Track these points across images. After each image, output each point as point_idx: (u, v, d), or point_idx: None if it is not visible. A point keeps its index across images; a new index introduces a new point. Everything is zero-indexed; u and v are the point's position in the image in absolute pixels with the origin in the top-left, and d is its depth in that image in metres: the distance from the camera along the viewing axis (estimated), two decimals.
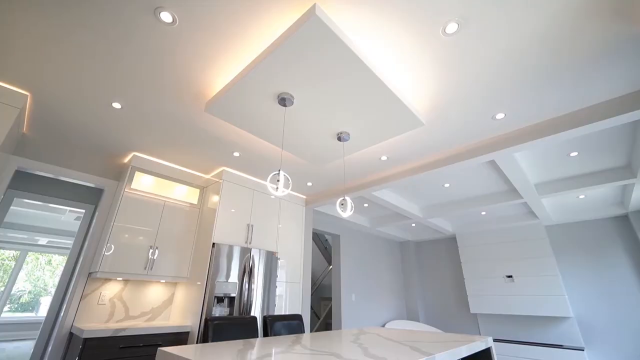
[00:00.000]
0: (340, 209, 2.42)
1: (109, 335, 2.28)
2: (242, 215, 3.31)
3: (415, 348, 1.51)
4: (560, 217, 4.92)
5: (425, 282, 6.61)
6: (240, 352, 1.31)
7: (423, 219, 4.94)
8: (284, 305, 3.45)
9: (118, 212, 2.80)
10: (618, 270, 4.46)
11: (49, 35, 1.68)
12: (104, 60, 1.85)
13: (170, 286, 3.20)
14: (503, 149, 2.57)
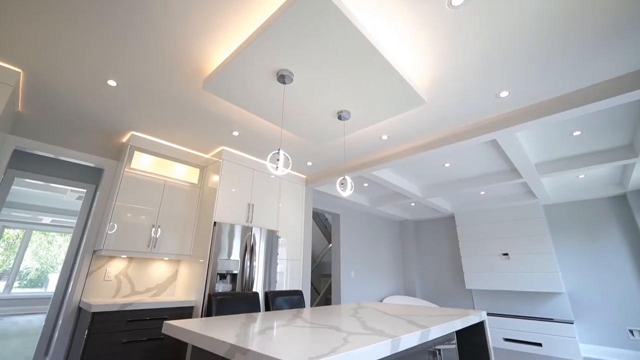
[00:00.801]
0: (340, 189, 2.43)
1: (116, 309, 2.37)
2: (243, 194, 3.33)
3: (412, 322, 1.57)
4: (558, 196, 4.96)
5: (422, 260, 6.77)
6: (243, 325, 1.36)
7: (422, 199, 4.98)
8: (285, 282, 3.55)
9: (119, 191, 2.81)
10: (612, 248, 4.55)
11: (40, 10, 1.61)
12: (98, 35, 1.78)
13: (173, 263, 3.28)
14: (505, 128, 2.54)
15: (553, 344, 4.46)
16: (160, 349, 2.54)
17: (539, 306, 4.97)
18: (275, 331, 1.25)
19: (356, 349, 0.97)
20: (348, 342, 1.06)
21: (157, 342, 2.53)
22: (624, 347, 4.22)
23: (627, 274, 4.37)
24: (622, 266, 4.43)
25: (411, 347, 1.30)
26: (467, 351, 2.21)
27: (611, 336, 4.33)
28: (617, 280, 4.43)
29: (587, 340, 4.50)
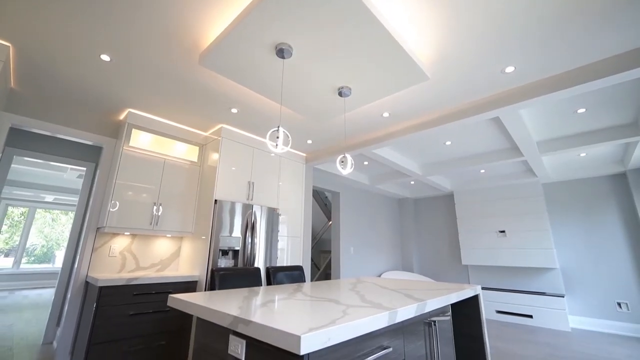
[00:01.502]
0: (340, 167, 2.43)
1: (122, 284, 2.44)
2: (243, 172, 3.34)
3: (409, 295, 1.63)
4: (558, 174, 4.97)
5: (421, 237, 6.90)
6: (246, 299, 1.41)
7: (422, 177, 4.99)
8: (286, 258, 3.63)
9: (119, 170, 2.81)
10: (607, 226, 4.62)
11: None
12: (88, 7, 1.70)
13: (176, 240, 3.34)
14: (510, 105, 2.49)
15: (543, 315, 4.65)
16: (166, 320, 2.65)
17: (532, 281, 5.13)
18: (277, 304, 1.30)
19: (355, 320, 1.01)
20: (347, 314, 1.10)
21: (163, 314, 2.64)
22: (611, 318, 4.39)
23: (620, 250, 4.47)
24: (615, 243, 4.52)
25: (408, 319, 1.36)
26: (460, 322, 2.30)
27: (600, 308, 4.50)
28: (609, 256, 4.54)
29: (576, 312, 4.68)
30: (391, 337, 1.26)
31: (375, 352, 1.15)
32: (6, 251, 8.26)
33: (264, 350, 1.00)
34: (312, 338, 0.84)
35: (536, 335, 4.11)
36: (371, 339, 1.15)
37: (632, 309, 4.26)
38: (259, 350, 1.02)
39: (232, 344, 1.12)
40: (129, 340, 2.42)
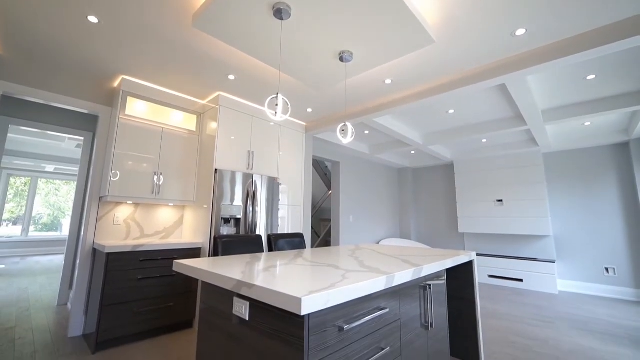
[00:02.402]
0: (340, 135, 2.40)
1: (129, 250, 2.53)
2: (242, 142, 3.30)
3: (406, 261, 1.69)
4: (560, 144, 4.93)
5: (419, 206, 7.01)
6: (249, 264, 1.46)
7: (423, 146, 4.95)
8: (287, 226, 3.72)
9: (117, 139, 2.78)
10: (604, 195, 4.67)
11: None
12: None
13: (179, 209, 3.40)
14: (519, 71, 2.39)
15: (533, 280, 4.86)
16: (173, 284, 2.77)
17: (525, 247, 5.30)
18: (279, 269, 1.35)
19: (354, 283, 1.06)
20: (346, 278, 1.15)
21: (170, 278, 2.76)
22: (598, 282, 4.60)
23: (614, 218, 4.56)
24: (610, 212, 4.60)
25: (404, 283, 1.42)
26: (454, 286, 2.41)
27: (588, 273, 4.70)
28: (602, 224, 4.65)
29: (565, 276, 4.88)
30: (388, 299, 1.32)
31: (373, 312, 1.21)
32: (14, 219, 8.45)
33: (266, 311, 1.06)
34: (313, 300, 0.89)
35: (524, 298, 4.33)
36: (369, 300, 1.21)
37: (619, 274, 4.45)
38: (262, 311, 1.08)
39: (236, 305, 1.18)
40: (138, 302, 2.55)
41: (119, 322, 2.44)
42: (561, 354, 2.49)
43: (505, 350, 2.53)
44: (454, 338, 2.39)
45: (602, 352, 2.55)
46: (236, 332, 1.18)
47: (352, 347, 1.09)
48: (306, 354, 0.92)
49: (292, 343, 0.95)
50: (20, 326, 2.87)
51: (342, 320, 1.07)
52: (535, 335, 2.88)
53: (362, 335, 1.15)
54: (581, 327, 3.15)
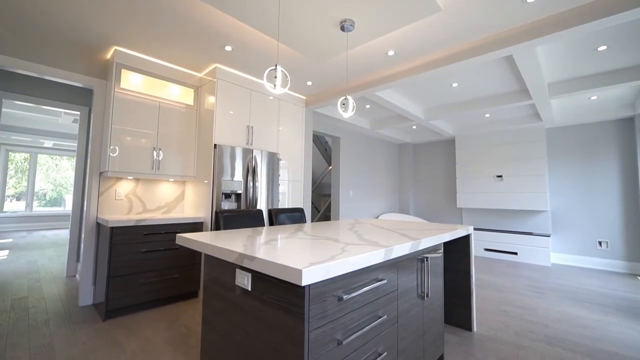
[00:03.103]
0: (341, 109, 2.35)
1: (132, 224, 2.57)
2: (241, 116, 3.25)
3: (405, 234, 1.72)
4: (563, 119, 4.85)
5: (418, 181, 7.04)
6: (250, 237, 1.49)
7: (425, 121, 4.88)
8: (287, 201, 3.76)
9: (113, 114, 2.74)
10: (604, 171, 4.67)
11: None
12: None
13: (179, 184, 3.42)
14: (528, 41, 2.29)
15: (527, 253, 4.99)
16: (177, 256, 2.85)
17: (522, 222, 5.39)
18: (279, 242, 1.38)
19: (353, 256, 1.08)
20: (346, 251, 1.17)
21: (174, 251, 2.83)
22: (591, 255, 4.72)
23: (611, 193, 4.60)
24: (608, 187, 4.62)
25: (402, 255, 1.46)
26: (451, 258, 2.48)
27: (581, 246, 4.81)
28: (599, 199, 4.69)
29: (559, 250, 5.01)
30: (386, 270, 1.36)
31: (371, 283, 1.26)
32: (17, 195, 8.54)
33: (268, 282, 1.10)
34: (313, 271, 0.91)
35: (518, 270, 4.47)
36: (367, 272, 1.25)
37: (612, 247, 4.56)
38: (263, 281, 1.12)
39: (238, 276, 1.22)
40: (144, 273, 2.64)
41: (126, 292, 2.54)
42: (550, 321, 2.61)
43: (496, 318, 2.65)
44: (448, 307, 2.50)
45: (588, 319, 2.67)
46: (239, 302, 1.23)
47: (351, 315, 1.14)
48: (306, 322, 0.96)
49: (293, 312, 0.99)
50: (32, 296, 2.99)
51: (341, 290, 1.11)
52: (526, 305, 3.01)
53: (360, 304, 1.20)
54: (571, 297, 3.28)
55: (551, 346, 2.17)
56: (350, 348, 1.14)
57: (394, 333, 1.40)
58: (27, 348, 2.01)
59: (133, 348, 2.04)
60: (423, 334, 1.66)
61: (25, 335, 2.19)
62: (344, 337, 1.11)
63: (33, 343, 2.08)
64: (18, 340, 2.11)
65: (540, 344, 2.21)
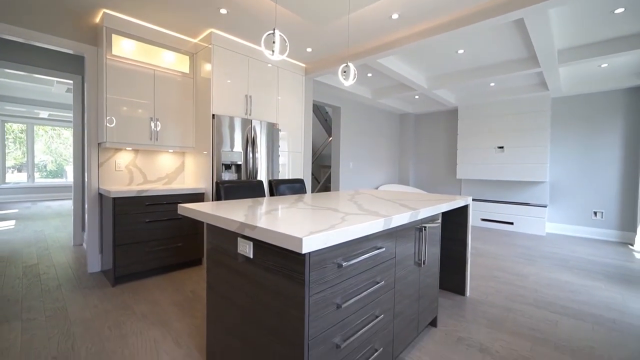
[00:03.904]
0: (342, 77, 2.28)
1: (134, 195, 2.60)
2: (239, 85, 3.16)
3: (404, 205, 1.74)
4: (570, 88, 4.72)
5: (419, 152, 7.01)
6: (251, 208, 1.52)
7: (428, 90, 4.75)
8: (287, 172, 3.77)
9: (107, 83, 2.66)
10: (607, 142, 4.63)
11: None
12: None
13: (179, 155, 3.40)
14: (542, 2, 2.16)
15: (523, 223, 5.10)
16: (180, 226, 2.92)
17: (520, 193, 5.44)
18: (280, 212, 1.40)
19: (353, 225, 1.11)
20: (345, 221, 1.20)
21: (177, 221, 2.89)
22: (585, 225, 4.83)
23: (611, 164, 4.59)
24: (609, 157, 4.61)
25: (401, 225, 1.49)
26: (448, 227, 2.54)
27: (577, 216, 4.90)
28: (599, 170, 4.69)
29: (555, 220, 5.11)
30: (385, 239, 1.40)
31: (370, 251, 1.29)
32: (18, 167, 8.55)
33: (269, 250, 1.13)
34: (313, 240, 0.94)
35: (513, 239, 4.59)
36: (366, 241, 1.28)
37: (606, 217, 4.64)
38: (265, 249, 1.15)
39: (240, 245, 1.25)
40: (148, 242, 2.72)
41: (132, 260, 2.63)
42: (539, 287, 2.73)
43: (488, 284, 2.77)
44: (444, 273, 2.60)
45: (577, 284, 2.79)
46: (242, 269, 1.28)
47: (350, 281, 1.19)
48: (307, 287, 1.00)
49: (294, 278, 1.03)
50: (42, 263, 3.11)
51: (341, 258, 1.14)
52: (518, 271, 3.13)
53: (359, 271, 1.24)
54: (562, 264, 3.40)
55: (539, 309, 2.29)
56: (349, 311, 1.20)
57: (390, 297, 1.47)
58: (42, 310, 2.12)
59: (143, 310, 2.15)
60: (418, 298, 1.75)
61: (39, 299, 2.30)
62: (343, 301, 1.16)
63: (47, 306, 2.19)
64: (33, 304, 2.22)
65: (528, 307, 2.32)
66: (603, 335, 1.93)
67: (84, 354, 1.65)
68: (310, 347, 1.03)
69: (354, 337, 1.19)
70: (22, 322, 1.96)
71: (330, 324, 1.11)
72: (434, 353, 1.73)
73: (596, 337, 1.91)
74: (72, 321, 1.99)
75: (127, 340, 1.78)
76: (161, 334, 1.86)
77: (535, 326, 2.04)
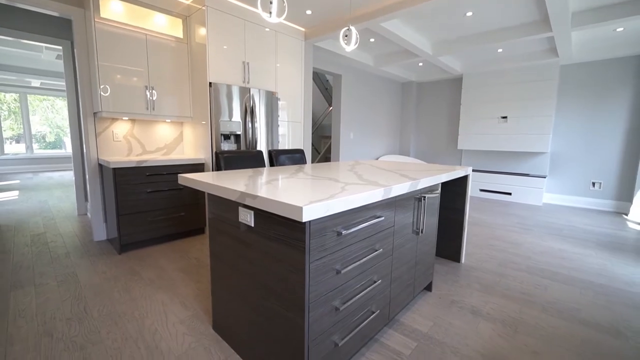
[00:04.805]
0: (343, 42, 2.17)
1: (134, 165, 2.60)
2: (236, 51, 3.03)
3: (404, 175, 1.75)
4: (582, 55, 4.53)
5: (420, 122, 6.90)
6: (251, 178, 1.52)
7: (432, 57, 4.56)
8: (287, 143, 3.73)
9: (97, 48, 2.55)
10: (613, 112, 4.53)
11: None
12: None
13: (177, 125, 3.35)
14: None
15: (521, 193, 5.15)
16: (181, 196, 2.95)
17: (520, 164, 5.43)
18: (280, 182, 1.41)
19: (353, 195, 1.12)
20: (345, 190, 1.20)
21: (178, 191, 2.91)
22: (582, 195, 4.88)
23: (615, 134, 4.54)
24: (614, 128, 4.54)
25: (401, 195, 1.50)
26: (447, 197, 2.57)
27: (575, 187, 4.94)
28: (602, 140, 4.65)
29: (553, 190, 5.15)
30: (384, 208, 1.42)
31: (369, 220, 1.32)
32: (16, 137, 8.47)
33: (270, 219, 1.15)
34: (313, 208, 0.95)
35: (510, 209, 4.67)
36: (366, 210, 1.30)
37: (604, 188, 4.68)
38: (266, 218, 1.17)
39: (241, 214, 1.27)
40: (151, 212, 2.76)
41: (137, 229, 2.69)
42: (532, 254, 2.82)
43: (483, 251, 2.85)
44: (440, 241, 2.67)
45: (569, 252, 2.88)
46: (243, 237, 1.31)
47: (349, 249, 1.23)
48: (307, 254, 1.04)
49: (295, 245, 1.06)
50: (49, 232, 3.18)
51: (340, 226, 1.17)
52: (513, 240, 3.21)
53: (358, 239, 1.27)
54: (556, 233, 3.48)
55: (531, 275, 2.38)
56: (348, 276, 1.25)
57: (388, 264, 1.52)
58: (53, 276, 2.21)
59: (150, 276, 2.24)
60: (415, 264, 1.81)
61: (50, 266, 2.38)
62: (343, 267, 1.20)
63: (58, 272, 2.28)
64: (44, 270, 2.31)
65: (521, 273, 2.42)
66: (590, 299, 2.03)
67: (97, 315, 1.75)
68: (311, 309, 1.08)
69: (352, 300, 1.25)
70: (35, 287, 2.05)
71: (330, 288, 1.16)
72: (427, 314, 1.82)
73: (583, 301, 2.01)
74: (83, 286, 2.08)
75: (136, 303, 1.88)
76: (168, 297, 1.96)
77: (525, 290, 2.13)
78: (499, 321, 1.76)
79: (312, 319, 1.09)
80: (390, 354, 1.48)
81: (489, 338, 1.61)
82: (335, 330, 1.22)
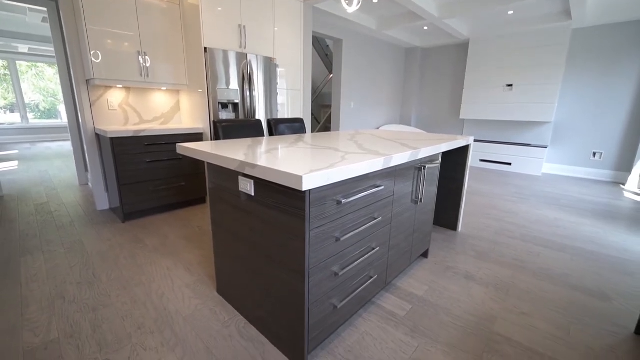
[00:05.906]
0: (345, 2, 2.05)
1: (131, 135, 2.56)
2: (231, 13, 2.86)
3: (404, 144, 1.73)
4: (596, 17, 4.28)
5: (423, 90, 6.71)
6: (250, 147, 1.51)
7: (439, 20, 4.33)
8: (286, 112, 3.65)
9: (84, 10, 2.40)
10: (621, 78, 4.39)
11: None
12: None
13: (173, 93, 3.26)
14: None
15: (521, 163, 5.14)
16: (181, 166, 2.95)
17: (522, 134, 5.37)
18: (280, 151, 1.40)
19: (353, 164, 1.11)
20: (345, 159, 1.20)
21: (177, 161, 2.90)
22: (582, 165, 4.88)
23: (621, 104, 4.43)
24: (620, 97, 4.43)
25: (401, 164, 1.50)
26: (447, 167, 2.56)
27: (575, 157, 4.92)
28: (606, 109, 4.55)
29: (553, 160, 5.14)
30: (384, 178, 1.42)
31: (369, 189, 1.32)
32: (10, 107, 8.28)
33: (270, 188, 1.16)
34: (313, 178, 0.95)
35: (508, 179, 4.69)
36: (366, 179, 1.30)
37: (605, 158, 4.67)
38: (266, 187, 1.18)
39: (241, 183, 1.28)
40: (152, 182, 2.78)
41: (139, 199, 2.72)
42: (528, 223, 2.88)
43: (480, 220, 2.91)
44: (438, 210, 2.71)
45: (564, 221, 2.94)
46: (244, 206, 1.33)
47: (348, 217, 1.25)
48: (307, 222, 1.05)
49: (295, 214, 1.08)
50: (52, 202, 3.22)
51: (340, 195, 1.17)
52: (510, 209, 3.26)
53: (357, 207, 1.29)
54: (552, 202, 3.53)
55: (525, 242, 2.45)
56: (347, 244, 1.28)
57: (387, 232, 1.56)
58: (60, 244, 2.28)
59: (154, 243, 2.31)
60: (413, 232, 1.85)
61: (56, 234, 2.44)
62: (342, 234, 1.23)
63: (64, 240, 2.34)
64: (51, 238, 2.37)
65: (515, 240, 2.48)
66: (580, 265, 2.10)
67: (106, 280, 1.82)
68: (311, 275, 1.12)
69: (351, 266, 1.30)
70: (43, 254, 2.12)
71: (330, 255, 1.19)
72: (423, 279, 1.90)
73: (573, 266, 2.08)
74: (90, 253, 2.15)
75: (142, 269, 1.95)
76: (173, 263, 2.03)
77: (518, 257, 2.21)
78: (491, 285, 1.84)
79: (312, 284, 1.14)
80: (386, 315, 1.56)
81: (481, 301, 1.69)
82: (334, 294, 1.28)
